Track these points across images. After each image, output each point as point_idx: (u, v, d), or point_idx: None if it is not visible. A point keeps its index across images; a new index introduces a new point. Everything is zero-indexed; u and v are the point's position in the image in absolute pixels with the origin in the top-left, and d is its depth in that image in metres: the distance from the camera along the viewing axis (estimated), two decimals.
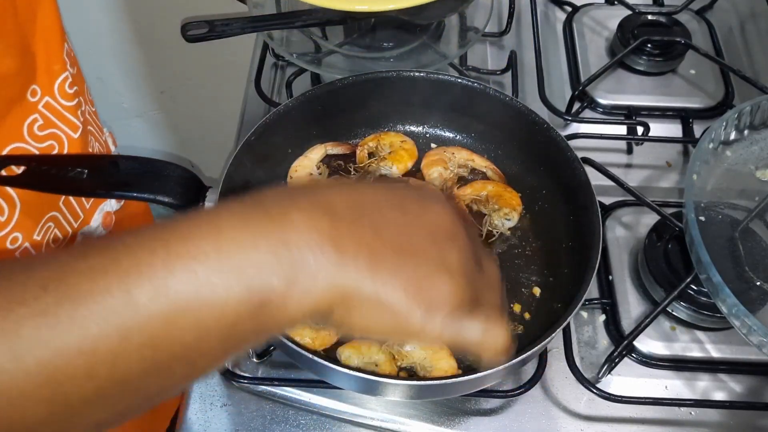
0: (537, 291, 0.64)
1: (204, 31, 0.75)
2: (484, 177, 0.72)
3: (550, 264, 0.66)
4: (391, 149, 0.72)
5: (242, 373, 0.62)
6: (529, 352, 0.53)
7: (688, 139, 0.81)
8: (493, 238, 0.66)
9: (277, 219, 0.33)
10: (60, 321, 0.30)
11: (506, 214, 0.67)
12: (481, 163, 0.72)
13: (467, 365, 0.60)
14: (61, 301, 0.30)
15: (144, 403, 0.35)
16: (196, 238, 0.32)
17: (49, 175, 0.50)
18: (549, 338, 0.54)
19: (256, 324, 0.33)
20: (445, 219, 0.38)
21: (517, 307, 0.64)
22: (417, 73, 0.70)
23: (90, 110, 0.65)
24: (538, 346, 0.54)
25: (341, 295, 0.34)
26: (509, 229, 0.67)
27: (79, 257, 0.32)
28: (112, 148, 0.72)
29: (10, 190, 0.53)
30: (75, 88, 0.59)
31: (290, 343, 0.53)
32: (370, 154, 0.72)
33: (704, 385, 0.64)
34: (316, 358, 0.52)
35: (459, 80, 0.71)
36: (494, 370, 0.52)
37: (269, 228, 0.33)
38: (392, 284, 0.34)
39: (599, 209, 0.61)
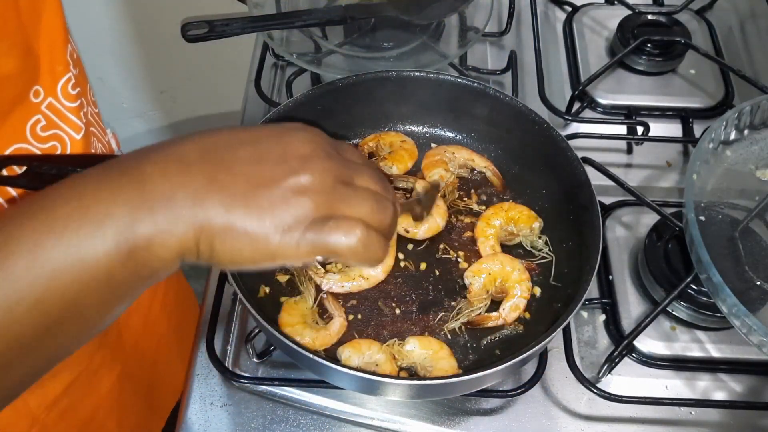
0: (537, 291, 0.64)
1: (204, 31, 0.75)
2: (484, 177, 0.72)
3: (550, 264, 0.66)
4: (392, 149, 0.72)
5: (242, 373, 0.62)
6: (529, 352, 0.53)
7: (688, 139, 0.81)
8: (543, 259, 0.65)
9: (134, 174, 0.37)
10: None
11: (534, 231, 0.67)
12: (480, 163, 0.72)
13: (468, 365, 0.60)
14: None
15: (46, 363, 0.39)
16: (59, 205, 0.35)
17: (49, 174, 0.50)
18: (549, 338, 0.54)
19: (131, 272, 0.37)
20: (300, 145, 0.40)
21: None
22: (417, 73, 0.70)
23: (93, 111, 0.65)
24: (538, 345, 0.54)
25: (201, 231, 0.37)
26: (540, 236, 0.67)
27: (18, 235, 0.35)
28: (115, 149, 0.72)
29: (11, 190, 0.53)
30: (78, 89, 0.59)
31: (291, 343, 0.53)
32: (370, 154, 0.72)
33: (704, 385, 0.64)
34: (316, 358, 0.52)
35: (459, 80, 0.71)
36: (494, 369, 0.52)
37: (126, 183, 0.36)
38: (245, 213, 0.37)
39: (599, 209, 0.61)
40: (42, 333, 0.36)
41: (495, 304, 0.63)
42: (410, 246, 0.67)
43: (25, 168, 0.51)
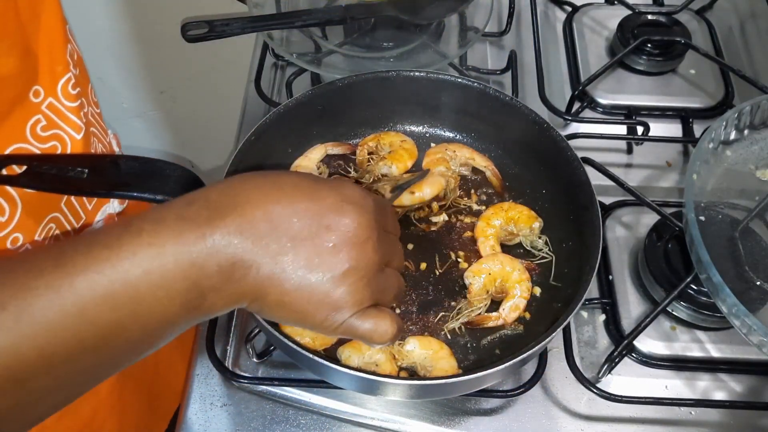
0: (537, 291, 0.64)
1: (204, 31, 0.75)
2: (484, 177, 0.72)
3: (550, 263, 0.66)
4: (391, 149, 0.72)
5: (242, 373, 0.62)
6: (529, 352, 0.53)
7: (688, 139, 0.81)
8: (543, 259, 0.65)
9: (208, 236, 0.39)
10: (22, 333, 0.35)
11: (534, 231, 0.67)
12: (481, 162, 0.72)
13: (468, 365, 0.60)
14: (21, 316, 0.35)
15: (92, 385, 0.42)
16: (140, 258, 0.38)
17: (49, 174, 0.50)
18: (549, 338, 0.54)
19: (189, 319, 0.41)
20: (358, 229, 0.44)
21: None
22: (417, 73, 0.70)
23: (94, 111, 0.65)
24: (538, 346, 0.54)
25: (258, 294, 0.42)
26: (540, 236, 0.67)
27: (35, 274, 0.36)
28: (116, 150, 0.72)
29: (11, 189, 0.53)
30: (78, 89, 0.58)
31: (291, 343, 0.53)
32: (370, 154, 0.72)
33: (704, 385, 0.64)
34: (316, 358, 0.52)
35: (459, 80, 0.71)
36: (494, 369, 0.52)
37: (201, 245, 0.39)
38: (300, 292, 0.42)
39: (599, 209, 0.61)
40: (99, 363, 0.39)
41: (495, 304, 0.63)
42: (410, 246, 0.67)
43: (25, 167, 0.50)
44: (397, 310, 0.63)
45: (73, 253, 0.37)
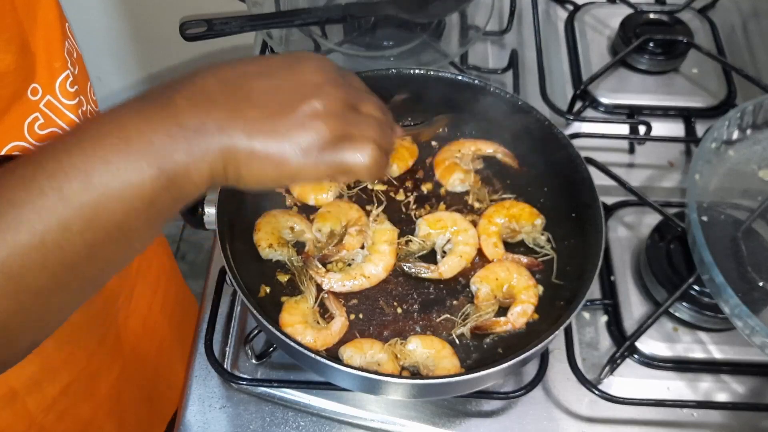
0: (540, 289, 0.64)
1: (203, 29, 0.75)
2: (495, 171, 0.71)
3: (553, 261, 0.66)
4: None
5: (241, 375, 0.61)
6: (531, 351, 0.53)
7: (690, 139, 0.80)
8: (545, 257, 0.65)
9: (168, 108, 0.40)
10: (8, 226, 0.36)
11: (536, 228, 0.66)
12: (487, 148, 0.71)
13: (470, 364, 0.59)
14: (5, 209, 0.36)
15: (91, 285, 0.42)
16: (104, 135, 0.39)
17: None
18: (552, 336, 0.54)
19: (171, 196, 0.41)
20: (311, 74, 0.45)
21: None
22: (418, 71, 0.70)
23: (93, 110, 0.65)
24: (541, 344, 0.53)
25: (228, 157, 0.41)
26: (542, 233, 0.67)
27: (8, 171, 0.38)
28: None
29: None
30: (76, 87, 0.58)
31: (293, 343, 0.52)
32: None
33: (706, 387, 0.63)
34: (318, 358, 0.51)
35: (460, 77, 0.70)
36: (497, 368, 0.52)
37: (162, 116, 0.40)
38: (266, 139, 0.42)
39: (602, 207, 0.61)
40: (89, 255, 0.39)
41: (501, 308, 0.63)
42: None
43: None
44: (399, 309, 0.63)
45: (43, 147, 0.39)
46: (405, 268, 0.64)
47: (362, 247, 0.65)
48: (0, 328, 0.37)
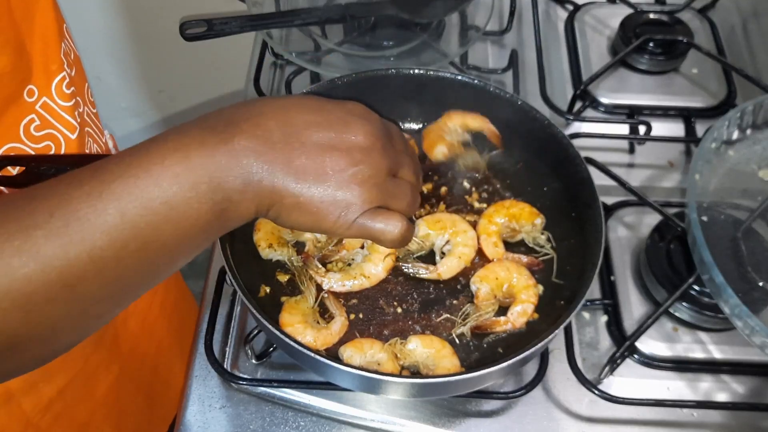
0: (540, 288, 0.64)
1: (202, 29, 0.75)
2: (496, 163, 0.71)
3: (553, 261, 0.65)
4: None
5: (241, 375, 0.61)
6: (531, 350, 0.53)
7: (690, 139, 0.80)
8: (545, 256, 0.65)
9: (230, 145, 0.43)
10: (71, 239, 0.38)
11: (536, 227, 0.66)
12: (474, 123, 0.71)
13: (470, 364, 0.59)
14: (69, 222, 0.38)
15: (134, 295, 0.44)
16: (170, 166, 0.41)
17: (47, 175, 0.50)
18: (551, 335, 0.54)
19: (220, 224, 0.44)
20: (365, 137, 0.48)
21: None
22: (417, 71, 0.70)
23: (90, 111, 0.65)
24: (541, 343, 0.53)
25: (275, 197, 0.45)
26: (542, 232, 0.67)
27: (75, 185, 0.39)
28: (113, 151, 0.72)
29: (6, 191, 0.53)
30: (72, 88, 0.58)
31: (293, 343, 0.52)
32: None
33: (706, 387, 0.63)
34: (318, 357, 0.51)
35: (459, 77, 0.70)
36: (497, 367, 0.52)
37: (222, 149, 0.43)
38: (313, 192, 0.45)
39: (601, 206, 0.61)
40: (140, 269, 0.42)
41: (500, 308, 0.63)
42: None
43: (23, 168, 0.50)
44: (399, 309, 0.63)
45: (107, 164, 0.41)
46: (404, 268, 0.64)
47: (362, 247, 0.65)
48: (50, 330, 0.40)
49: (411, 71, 0.70)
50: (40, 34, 0.55)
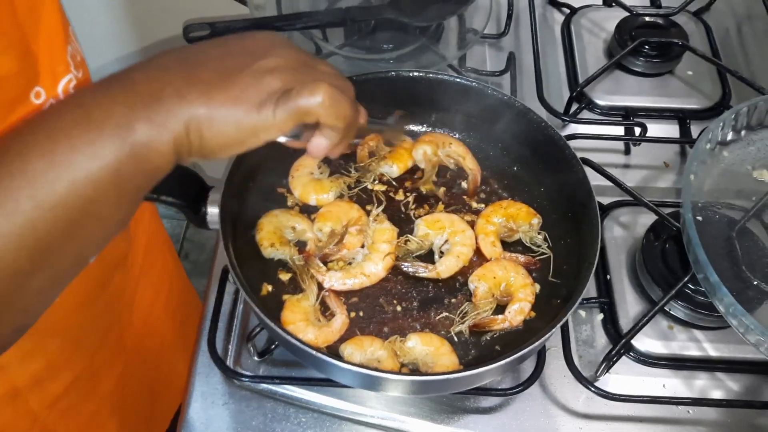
0: (537, 288, 0.65)
1: (206, 33, 0.76)
2: (495, 164, 0.72)
3: (549, 260, 0.66)
4: (391, 148, 0.73)
5: (243, 372, 0.62)
6: (528, 348, 0.54)
7: (685, 140, 0.81)
8: (542, 255, 0.66)
9: (124, 81, 0.41)
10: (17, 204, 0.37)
11: (533, 227, 0.67)
12: (469, 164, 0.72)
13: (469, 361, 0.60)
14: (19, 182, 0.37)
15: (70, 267, 0.43)
16: (64, 113, 0.39)
17: None
18: (549, 334, 0.55)
19: (136, 167, 0.41)
20: (263, 40, 0.46)
21: None
22: (417, 73, 0.71)
23: None
24: (538, 341, 0.54)
25: (190, 122, 0.41)
26: (539, 232, 0.68)
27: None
28: None
29: None
30: None
31: (294, 341, 0.53)
32: (371, 153, 0.73)
33: (702, 384, 0.64)
34: (319, 355, 0.52)
35: (458, 79, 0.71)
36: (495, 365, 0.52)
37: (119, 89, 0.41)
38: (223, 99, 0.42)
39: (597, 206, 0.61)
40: (64, 233, 0.40)
41: (498, 307, 0.64)
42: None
43: None
44: (398, 307, 0.63)
45: (25, 136, 0.40)
46: (403, 267, 0.65)
47: (362, 246, 0.66)
48: None
49: (411, 74, 0.71)
50: (46, 36, 0.55)
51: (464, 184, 0.72)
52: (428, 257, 0.67)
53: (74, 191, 0.39)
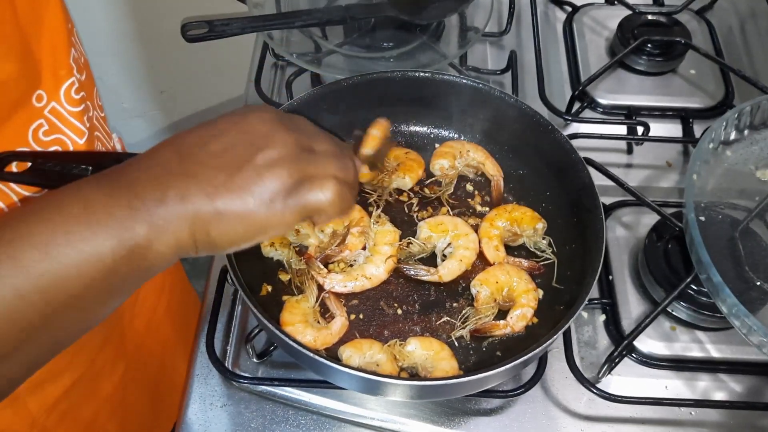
0: (540, 293, 0.64)
1: (204, 31, 0.75)
2: (487, 180, 0.72)
3: (553, 265, 0.66)
4: (398, 161, 0.72)
5: (242, 374, 0.62)
6: (530, 355, 0.53)
7: (688, 139, 0.81)
8: (546, 260, 0.65)
9: (127, 180, 0.41)
10: None
11: (537, 232, 0.67)
12: (490, 170, 0.71)
13: (469, 366, 0.60)
14: None
15: (47, 352, 0.42)
16: (66, 205, 0.39)
17: (53, 171, 0.50)
18: (548, 342, 0.54)
19: (132, 267, 0.40)
20: (259, 125, 0.45)
21: None
22: (422, 74, 0.70)
23: (98, 115, 0.65)
24: (539, 348, 0.54)
25: (194, 223, 0.41)
26: (544, 237, 0.67)
27: None
28: None
29: (8, 190, 0.53)
30: (82, 93, 0.58)
31: (292, 342, 0.53)
32: (371, 165, 0.71)
33: (704, 385, 0.64)
34: (317, 357, 0.52)
35: (464, 81, 0.70)
36: (495, 371, 0.52)
37: (122, 188, 0.40)
38: (228, 197, 0.42)
39: (603, 212, 0.61)
40: (45, 321, 0.39)
41: (500, 311, 0.63)
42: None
43: (29, 164, 0.50)
44: (399, 310, 0.63)
45: (18, 222, 0.39)
46: (405, 270, 0.64)
47: (364, 248, 0.66)
48: None
49: (416, 74, 0.70)
50: (49, 39, 0.55)
51: (469, 187, 0.72)
52: (430, 260, 0.66)
53: (61, 286, 0.38)
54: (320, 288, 0.63)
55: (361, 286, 0.63)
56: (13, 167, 0.51)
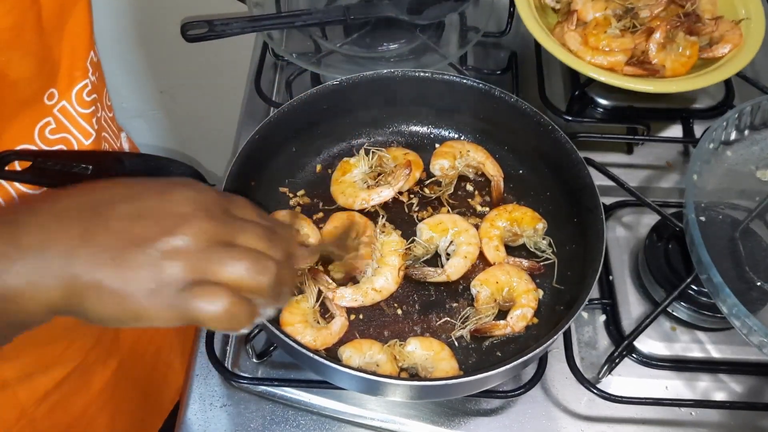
0: (540, 293, 0.64)
1: (204, 30, 0.75)
2: (488, 183, 0.71)
3: (554, 265, 0.66)
4: (396, 163, 0.71)
5: (242, 374, 0.62)
6: (530, 355, 0.53)
7: (688, 140, 0.81)
8: (547, 261, 0.65)
9: (12, 226, 0.37)
10: None
11: (538, 232, 0.66)
12: (491, 170, 0.71)
13: (469, 367, 0.60)
14: None
15: None
16: None
17: (53, 170, 0.50)
18: (548, 343, 0.54)
19: (4, 318, 0.37)
20: (181, 202, 0.40)
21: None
22: (423, 74, 0.70)
23: (107, 116, 0.65)
24: (539, 348, 0.54)
25: (69, 287, 0.37)
26: (544, 237, 0.67)
27: None
28: (127, 150, 0.72)
29: (9, 188, 0.53)
30: (93, 95, 0.58)
31: (292, 343, 0.52)
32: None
33: (705, 386, 0.64)
34: (317, 358, 0.52)
35: (464, 81, 0.70)
36: (495, 372, 0.52)
37: (2, 234, 0.37)
38: (113, 272, 0.37)
39: (603, 213, 0.61)
40: None
41: (500, 312, 0.63)
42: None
43: (30, 163, 0.50)
44: (399, 311, 0.63)
45: None
46: (412, 275, 0.64)
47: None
48: None
49: (416, 74, 0.70)
50: (69, 42, 0.54)
51: (469, 187, 0.72)
52: (432, 260, 0.66)
53: None
54: (319, 289, 0.63)
55: (372, 299, 0.62)
56: (16, 165, 0.51)
